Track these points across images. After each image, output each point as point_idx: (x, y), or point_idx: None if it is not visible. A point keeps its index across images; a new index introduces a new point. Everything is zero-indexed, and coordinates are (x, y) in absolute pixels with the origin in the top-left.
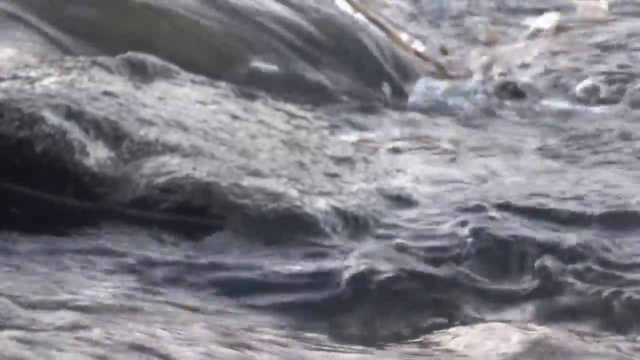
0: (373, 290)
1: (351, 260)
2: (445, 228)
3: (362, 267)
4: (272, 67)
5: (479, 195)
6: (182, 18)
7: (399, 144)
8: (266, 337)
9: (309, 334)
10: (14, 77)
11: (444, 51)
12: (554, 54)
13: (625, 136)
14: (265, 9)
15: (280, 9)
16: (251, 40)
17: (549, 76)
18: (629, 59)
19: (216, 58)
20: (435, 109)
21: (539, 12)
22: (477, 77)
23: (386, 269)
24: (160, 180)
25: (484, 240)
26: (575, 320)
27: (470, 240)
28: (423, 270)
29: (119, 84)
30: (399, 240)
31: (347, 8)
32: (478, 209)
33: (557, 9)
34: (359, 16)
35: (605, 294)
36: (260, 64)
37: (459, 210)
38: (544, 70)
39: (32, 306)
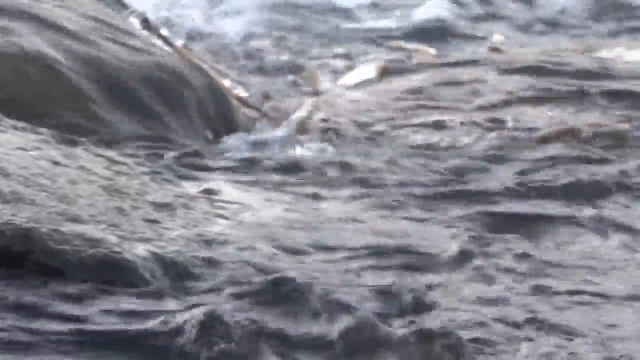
0: (188, 336)
1: (168, 305)
2: (262, 273)
3: (179, 312)
4: (95, 113)
5: (294, 240)
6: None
7: (219, 189)
8: None
9: None
10: None
11: (267, 97)
12: (377, 100)
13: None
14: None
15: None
16: (73, 86)
17: (370, 122)
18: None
19: (39, 104)
20: (255, 154)
21: (371, 56)
22: (298, 122)
23: (202, 314)
24: None
25: (294, 285)
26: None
27: (282, 285)
28: (236, 315)
29: None
30: (216, 286)
31: (172, 52)
32: (294, 252)
33: (387, 53)
34: (183, 61)
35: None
36: (83, 110)
37: (276, 254)
38: (365, 116)
39: None
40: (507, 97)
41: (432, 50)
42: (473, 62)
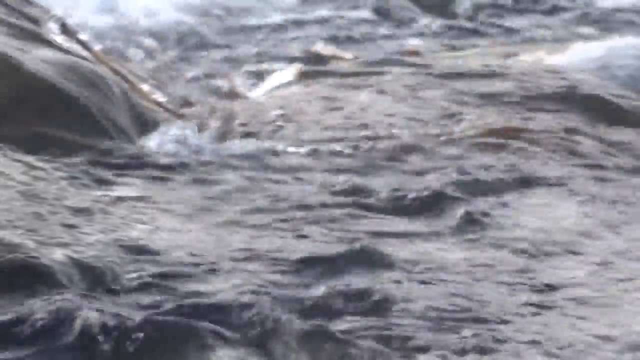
0: (106, 342)
1: (85, 311)
2: (179, 277)
3: (95, 318)
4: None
5: (211, 245)
6: None
7: (137, 193)
8: None
9: None
10: None
11: (186, 101)
12: (296, 104)
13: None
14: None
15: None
16: None
17: (288, 126)
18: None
19: None
20: (173, 158)
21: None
22: (216, 127)
23: (120, 319)
24: None
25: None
26: None
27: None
28: (153, 320)
29: None
30: (134, 291)
31: (92, 58)
32: (210, 257)
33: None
34: (101, 66)
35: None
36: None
37: (195, 261)
38: (283, 121)
39: None
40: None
41: (349, 55)
42: (389, 65)
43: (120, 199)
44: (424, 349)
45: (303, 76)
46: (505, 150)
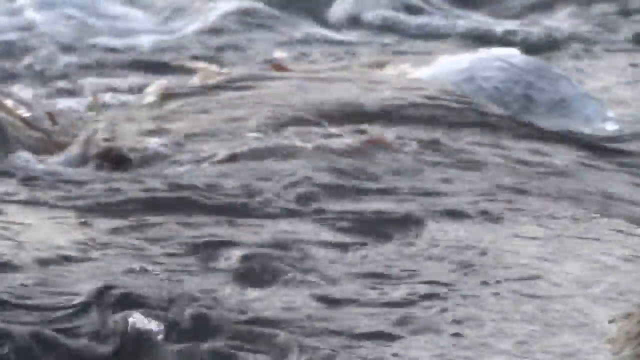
0: None
1: None
2: (47, 294)
3: None
4: None
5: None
6: None
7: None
8: None
9: None
10: None
11: (51, 117)
12: (162, 121)
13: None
14: None
15: None
16: None
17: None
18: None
19: None
20: (36, 175)
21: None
22: (80, 144)
23: None
24: None
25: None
26: None
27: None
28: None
29: None
30: None
31: None
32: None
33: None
34: None
35: None
36: None
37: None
38: (150, 136)
39: None
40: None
41: (214, 68)
42: (253, 80)
43: None
44: None
45: (167, 94)
46: (367, 163)
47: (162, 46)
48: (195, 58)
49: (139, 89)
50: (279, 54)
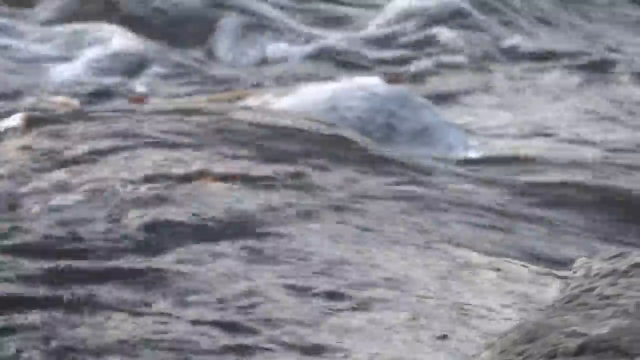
0: None
1: None
2: None
3: None
4: None
5: None
6: None
7: None
8: None
9: None
10: None
11: None
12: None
13: None
14: None
15: None
16: None
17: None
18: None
19: None
20: None
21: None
22: None
23: None
24: None
25: None
26: None
27: None
28: None
29: None
30: None
31: None
32: None
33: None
34: None
35: None
36: None
37: None
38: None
39: None
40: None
41: (75, 102)
42: (113, 113)
43: None
44: None
45: (32, 123)
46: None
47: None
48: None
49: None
50: (139, 88)
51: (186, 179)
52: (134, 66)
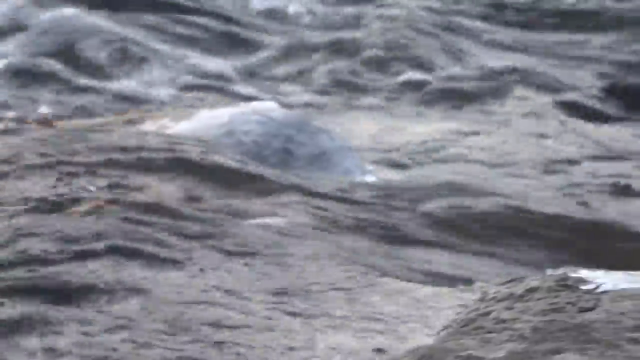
0: None
1: None
2: None
3: None
4: None
5: None
6: None
7: None
8: None
9: None
10: None
11: None
12: None
13: None
14: None
15: None
16: None
17: None
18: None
19: None
20: None
21: None
22: None
23: None
24: None
25: None
26: None
27: None
28: None
29: None
30: None
31: None
32: None
33: None
34: None
35: None
36: None
37: None
38: None
39: None
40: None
41: None
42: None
43: None
44: None
45: None
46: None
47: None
48: None
49: None
50: (44, 110)
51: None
52: (31, 84)
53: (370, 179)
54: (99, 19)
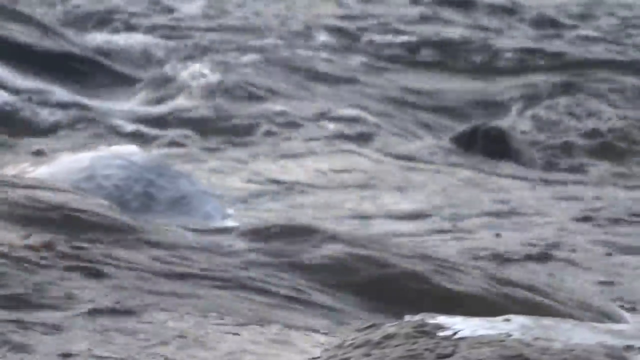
0: None
1: None
2: None
3: None
4: None
5: None
6: None
7: None
8: None
9: None
10: None
11: None
12: None
13: None
14: None
15: None
16: None
17: None
18: None
19: None
20: None
21: None
22: None
23: None
24: None
25: None
26: None
27: None
28: None
29: None
30: None
31: None
32: None
33: None
34: None
35: None
36: None
37: None
38: None
39: None
40: None
41: None
42: None
43: None
44: None
45: None
46: None
47: None
48: None
49: None
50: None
51: None
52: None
53: (230, 223)
54: None
